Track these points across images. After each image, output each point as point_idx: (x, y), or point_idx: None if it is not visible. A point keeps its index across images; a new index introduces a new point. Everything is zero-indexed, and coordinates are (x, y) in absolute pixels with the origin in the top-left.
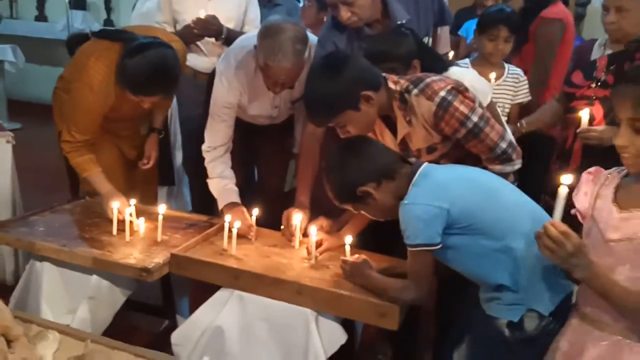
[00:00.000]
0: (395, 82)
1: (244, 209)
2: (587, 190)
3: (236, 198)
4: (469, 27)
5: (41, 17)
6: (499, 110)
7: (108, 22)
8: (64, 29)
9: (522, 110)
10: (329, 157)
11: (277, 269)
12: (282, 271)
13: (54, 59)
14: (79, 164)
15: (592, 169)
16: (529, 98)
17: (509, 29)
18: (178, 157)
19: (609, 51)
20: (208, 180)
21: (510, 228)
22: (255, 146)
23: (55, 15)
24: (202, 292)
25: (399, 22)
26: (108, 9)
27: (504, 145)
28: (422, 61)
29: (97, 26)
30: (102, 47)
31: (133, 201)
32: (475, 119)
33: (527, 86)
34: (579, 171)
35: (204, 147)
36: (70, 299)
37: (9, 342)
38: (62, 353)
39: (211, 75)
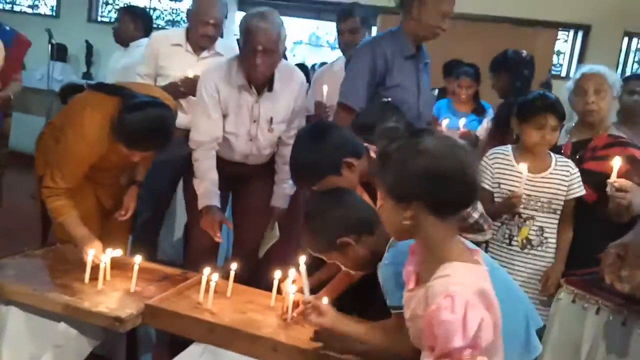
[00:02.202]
0: (376, 152)
1: (219, 214)
2: None
3: (214, 201)
4: (440, 107)
5: None
6: (548, 205)
7: (87, 75)
8: (42, 78)
9: None
10: (311, 204)
11: (252, 325)
12: (258, 327)
13: (27, 107)
14: (56, 208)
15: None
16: (584, 192)
17: (556, 117)
18: None
19: (574, 139)
20: (194, 179)
21: None
22: (235, 202)
23: (35, 64)
24: (168, 351)
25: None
26: (88, 62)
27: (475, 215)
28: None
29: (74, 79)
30: (98, 98)
31: (118, 251)
32: None
33: (579, 178)
34: None
35: (190, 144)
36: (34, 346)
37: None
38: None
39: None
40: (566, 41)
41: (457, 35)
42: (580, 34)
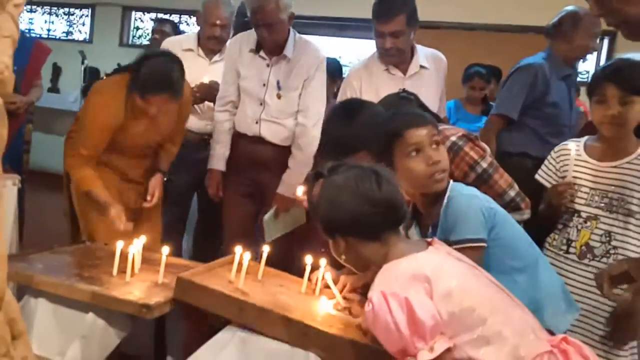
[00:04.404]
0: None
1: (220, 177)
2: None
3: (220, 165)
4: (449, 108)
5: (54, 89)
6: (619, 204)
7: None
8: (76, 101)
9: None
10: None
11: (283, 308)
12: (289, 310)
13: (61, 129)
14: (82, 178)
15: None
16: None
17: (618, 87)
18: None
19: None
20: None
21: (527, 250)
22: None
23: (69, 87)
24: (196, 344)
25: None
26: None
27: (512, 193)
28: None
29: None
30: (114, 78)
31: (142, 238)
32: (484, 165)
33: None
34: None
35: (216, 107)
36: (62, 338)
37: (12, 337)
38: None
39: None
40: None
41: (481, 46)
42: (606, 41)
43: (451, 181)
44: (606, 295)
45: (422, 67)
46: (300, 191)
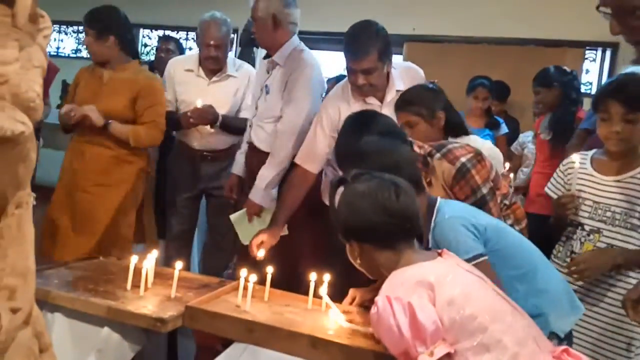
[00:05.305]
0: (419, 147)
1: (236, 180)
2: None
3: (237, 170)
4: None
5: (63, 105)
6: (622, 218)
7: None
8: None
9: None
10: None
11: (291, 324)
12: (297, 326)
13: (64, 145)
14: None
15: None
16: None
17: (622, 104)
18: None
19: None
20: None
21: (524, 257)
22: None
23: None
24: (208, 358)
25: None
26: None
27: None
28: (447, 117)
29: None
30: None
31: (154, 252)
32: (484, 191)
33: None
34: None
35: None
36: (78, 352)
37: (39, 350)
38: None
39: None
40: (594, 60)
41: (484, 59)
42: (608, 52)
43: (439, 199)
44: (633, 319)
45: (398, 91)
46: (261, 253)
